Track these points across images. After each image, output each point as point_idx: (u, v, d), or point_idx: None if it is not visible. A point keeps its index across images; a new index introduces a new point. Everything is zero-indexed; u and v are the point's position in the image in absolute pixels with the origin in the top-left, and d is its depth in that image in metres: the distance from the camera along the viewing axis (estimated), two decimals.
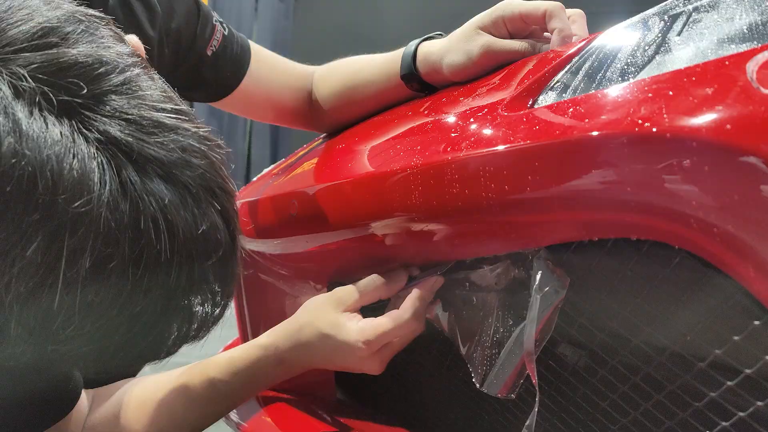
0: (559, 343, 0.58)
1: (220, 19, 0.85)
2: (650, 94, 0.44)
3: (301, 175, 0.79)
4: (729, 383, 0.46)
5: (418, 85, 0.76)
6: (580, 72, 0.54)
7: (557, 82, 0.55)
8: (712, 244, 0.42)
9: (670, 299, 0.47)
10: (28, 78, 0.37)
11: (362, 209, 0.65)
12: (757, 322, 0.43)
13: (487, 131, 0.53)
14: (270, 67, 0.88)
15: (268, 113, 0.91)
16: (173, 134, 0.41)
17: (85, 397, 0.71)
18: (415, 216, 0.59)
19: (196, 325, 0.45)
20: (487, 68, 0.68)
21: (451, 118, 0.61)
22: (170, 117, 0.41)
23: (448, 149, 0.56)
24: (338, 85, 0.86)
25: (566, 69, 0.56)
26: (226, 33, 0.84)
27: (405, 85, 0.77)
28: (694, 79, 0.43)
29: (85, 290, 0.38)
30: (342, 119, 0.87)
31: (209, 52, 0.82)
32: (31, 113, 0.36)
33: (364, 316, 0.67)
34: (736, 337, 0.44)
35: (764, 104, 0.39)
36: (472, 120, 0.57)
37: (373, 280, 0.68)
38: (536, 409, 0.54)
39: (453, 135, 0.57)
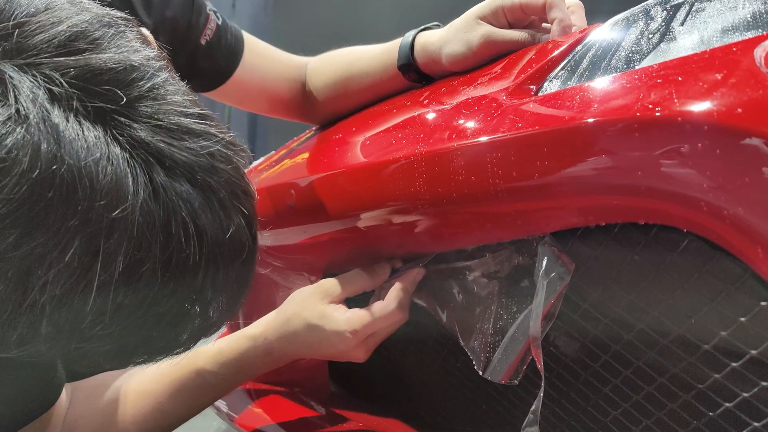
0: (563, 329, 0.58)
1: (214, 9, 0.84)
2: (659, 80, 0.45)
3: (299, 166, 0.78)
4: (734, 364, 0.47)
5: (416, 75, 0.76)
6: (584, 61, 0.55)
7: (561, 70, 0.56)
8: (722, 227, 0.43)
9: (676, 283, 0.48)
10: (63, 83, 0.37)
11: (364, 198, 0.65)
12: (764, 303, 0.44)
13: (494, 118, 0.54)
14: (264, 58, 0.88)
15: (263, 103, 0.90)
16: (202, 140, 0.42)
17: (64, 391, 0.70)
18: (418, 204, 0.59)
19: (213, 322, 0.46)
20: (486, 58, 0.69)
21: (454, 107, 0.61)
22: (198, 123, 0.42)
23: (454, 136, 0.56)
24: (333, 75, 0.85)
25: (569, 58, 0.56)
26: (219, 22, 0.83)
27: (402, 75, 0.77)
28: (702, 65, 0.44)
29: (117, 293, 0.39)
30: (336, 110, 0.87)
31: (203, 42, 0.81)
32: (67, 119, 0.37)
33: (349, 308, 0.69)
34: (742, 319, 0.45)
35: None
36: (476, 108, 0.57)
37: (357, 272, 0.71)
38: (541, 394, 0.54)
39: (458, 123, 0.57)
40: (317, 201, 0.71)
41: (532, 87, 0.56)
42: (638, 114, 0.43)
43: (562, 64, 0.56)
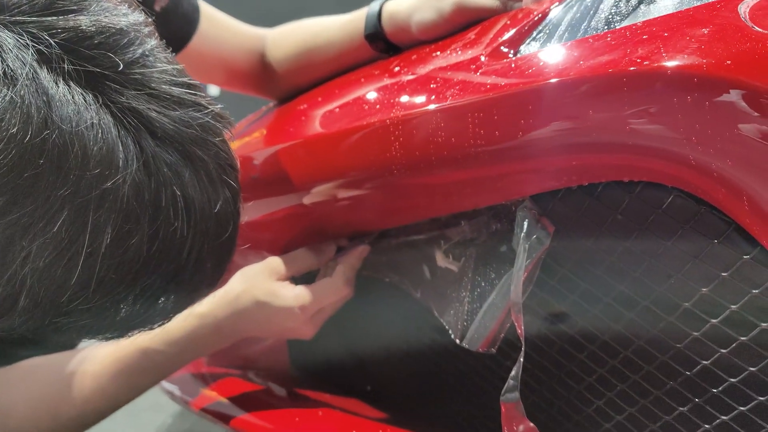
0: (541, 297, 0.58)
1: None
2: (645, 36, 0.45)
3: (263, 137, 0.76)
4: (713, 321, 0.48)
5: (383, 45, 0.74)
6: (563, 24, 0.54)
7: (539, 33, 0.55)
8: (709, 181, 0.43)
9: (658, 242, 0.48)
10: (53, 44, 0.35)
11: (336, 165, 0.63)
12: (746, 257, 0.44)
13: (474, 79, 0.53)
14: (221, 27, 0.84)
15: (220, 75, 0.87)
16: (192, 111, 0.41)
17: None
18: (394, 170, 0.57)
19: (193, 296, 0.46)
20: (457, 26, 0.68)
21: (429, 71, 0.60)
22: (188, 93, 0.41)
23: (432, 98, 0.55)
24: (295, 47, 0.83)
25: (547, 21, 0.56)
26: None
27: (369, 45, 0.75)
28: (687, 21, 0.44)
29: (102, 266, 0.38)
30: (298, 83, 0.84)
31: (158, 8, 0.77)
32: (57, 82, 0.35)
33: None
34: (724, 274, 0.46)
35: (760, 41, 0.40)
36: (454, 71, 0.56)
37: (304, 251, 0.72)
38: (521, 360, 0.53)
39: (434, 86, 0.56)
40: (283, 171, 0.69)
41: (510, 51, 0.55)
42: (628, 68, 0.43)
43: (540, 27, 0.55)
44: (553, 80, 0.46)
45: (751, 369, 0.47)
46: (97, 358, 0.69)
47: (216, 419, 0.79)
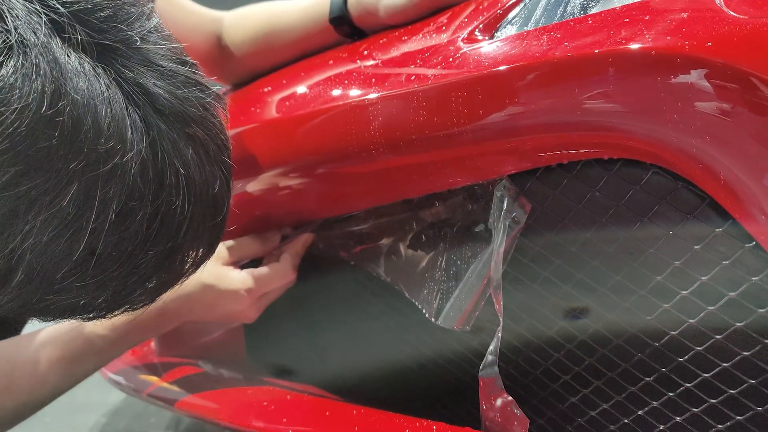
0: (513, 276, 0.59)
1: None
2: (626, 19, 0.47)
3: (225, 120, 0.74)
4: (683, 292, 0.50)
5: (349, 29, 0.74)
6: (538, 9, 0.56)
7: (515, 17, 0.56)
8: (686, 159, 0.45)
9: (635, 217, 0.50)
10: (65, 13, 0.35)
11: (309, 147, 0.62)
12: (718, 230, 0.47)
13: (456, 60, 0.54)
14: (176, 6, 0.82)
15: None
16: (196, 90, 0.42)
17: None
18: (372, 149, 0.57)
19: (179, 275, 0.46)
20: (425, 11, 0.68)
21: (404, 53, 0.60)
22: (192, 72, 0.42)
23: (412, 79, 0.55)
24: (254, 29, 0.81)
25: (522, 6, 0.57)
26: None
27: (334, 29, 0.74)
28: (666, 5, 0.46)
29: (104, 243, 0.38)
30: (256, 67, 0.83)
31: None
32: (69, 54, 0.35)
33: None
34: (696, 247, 0.48)
35: (735, 25, 0.43)
36: (432, 52, 0.57)
37: (249, 238, 0.73)
38: (500, 335, 0.55)
39: (414, 66, 0.57)
40: (249, 154, 0.67)
41: (485, 34, 0.57)
42: (613, 48, 0.45)
43: (515, 11, 0.57)
44: (539, 61, 0.48)
45: (717, 337, 0.50)
46: (33, 344, 0.67)
47: (163, 403, 0.77)
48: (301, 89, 0.67)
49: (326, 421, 0.59)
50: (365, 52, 0.67)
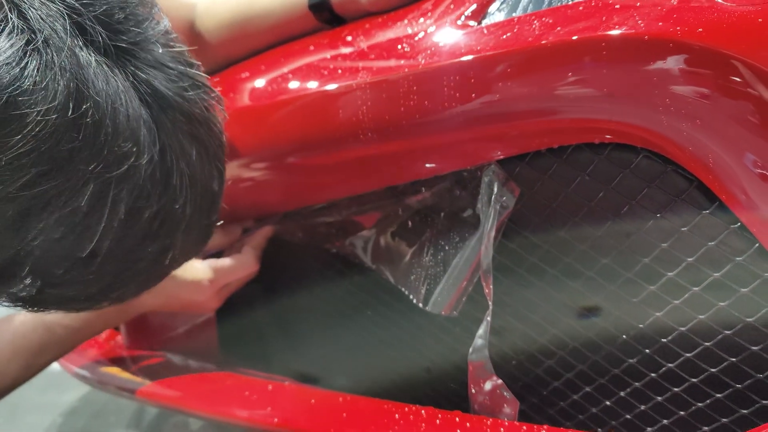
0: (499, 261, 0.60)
1: None
2: (617, 6, 0.48)
3: None
4: (669, 274, 0.52)
5: (329, 15, 0.73)
6: None
7: (502, 4, 0.57)
8: (677, 144, 0.46)
9: (623, 200, 0.51)
10: (84, 13, 0.35)
11: (293, 133, 0.61)
12: (705, 212, 0.48)
13: (447, 44, 0.54)
14: None
15: None
16: (201, 92, 0.43)
17: None
18: (360, 134, 0.57)
19: (167, 270, 0.47)
20: None
21: (392, 38, 0.60)
22: (198, 73, 0.43)
23: (402, 62, 0.55)
24: (229, 15, 0.79)
25: None
26: None
27: (313, 15, 0.74)
28: None
29: (112, 241, 0.38)
30: (230, 55, 0.81)
31: None
32: (90, 54, 0.35)
33: None
34: (684, 228, 0.50)
35: (723, 13, 0.44)
36: (421, 37, 0.57)
37: None
38: (489, 319, 0.55)
39: (403, 50, 0.57)
40: (230, 140, 0.66)
41: (473, 20, 0.57)
42: (605, 33, 0.46)
43: None
44: (531, 46, 0.48)
45: (700, 317, 0.51)
46: None
47: (129, 394, 0.76)
48: (282, 74, 0.66)
49: (312, 408, 0.59)
50: (348, 38, 0.66)
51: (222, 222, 0.75)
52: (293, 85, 0.64)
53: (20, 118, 0.31)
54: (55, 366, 0.75)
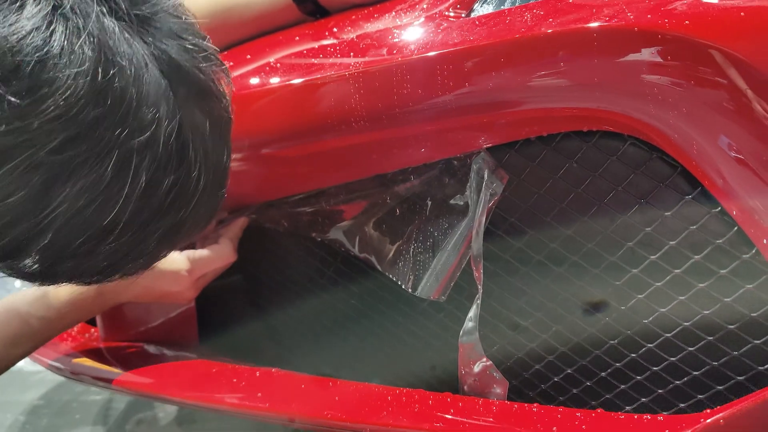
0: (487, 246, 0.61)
1: None
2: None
3: None
4: (652, 257, 0.54)
5: (313, 7, 0.74)
6: None
7: None
8: (661, 132, 0.49)
9: (609, 186, 0.53)
10: None
11: (282, 121, 0.62)
12: (688, 197, 0.51)
13: (439, 34, 0.55)
14: None
15: None
16: (213, 65, 0.43)
17: None
18: (352, 122, 0.58)
19: (171, 249, 0.47)
20: None
21: (382, 29, 0.61)
22: (209, 45, 0.44)
23: (394, 52, 0.56)
24: (211, 5, 0.79)
25: None
26: None
27: (297, 7, 0.74)
28: None
29: (131, 212, 0.39)
30: None
31: None
32: (114, 23, 0.36)
33: None
34: (667, 213, 0.52)
35: (707, 6, 0.46)
36: (411, 28, 0.58)
37: None
38: (479, 302, 0.57)
39: (394, 40, 0.58)
40: None
41: (462, 12, 0.58)
42: (598, 24, 0.48)
43: None
44: (526, 35, 0.50)
45: (681, 298, 0.54)
46: None
47: (104, 384, 0.75)
48: (272, 63, 0.66)
49: (303, 393, 0.59)
50: (335, 29, 0.67)
51: None
52: (282, 74, 0.64)
53: (51, 82, 0.32)
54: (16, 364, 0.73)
